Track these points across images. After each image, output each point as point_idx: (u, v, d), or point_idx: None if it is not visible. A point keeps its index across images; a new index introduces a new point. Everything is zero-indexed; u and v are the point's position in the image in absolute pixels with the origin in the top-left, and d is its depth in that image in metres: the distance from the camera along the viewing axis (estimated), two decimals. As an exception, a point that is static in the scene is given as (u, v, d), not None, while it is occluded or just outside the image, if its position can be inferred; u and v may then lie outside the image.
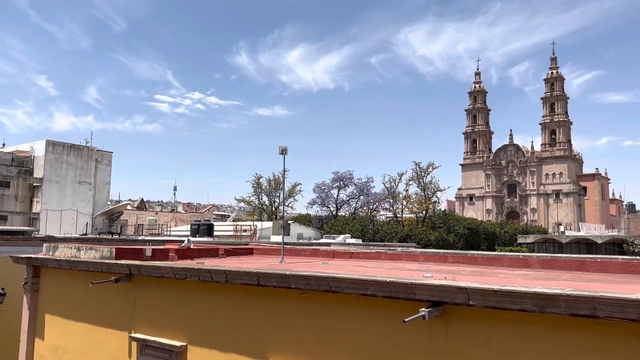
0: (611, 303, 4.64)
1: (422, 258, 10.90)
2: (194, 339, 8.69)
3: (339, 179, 68.87)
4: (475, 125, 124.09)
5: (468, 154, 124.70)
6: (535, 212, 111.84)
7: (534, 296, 5.04)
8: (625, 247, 26.61)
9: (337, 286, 6.60)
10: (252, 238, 36.98)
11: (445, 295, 5.67)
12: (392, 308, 6.26)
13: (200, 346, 8.56)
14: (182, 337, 8.86)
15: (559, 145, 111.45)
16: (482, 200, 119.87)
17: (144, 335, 9.29)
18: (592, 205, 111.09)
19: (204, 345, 8.52)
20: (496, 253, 12.59)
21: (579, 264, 8.69)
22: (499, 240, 68.26)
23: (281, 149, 10.19)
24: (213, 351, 8.35)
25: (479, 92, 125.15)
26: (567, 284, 6.70)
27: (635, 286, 6.80)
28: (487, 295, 5.34)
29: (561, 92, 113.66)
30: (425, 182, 65.57)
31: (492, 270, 9.06)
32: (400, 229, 59.35)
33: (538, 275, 8.12)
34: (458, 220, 65.23)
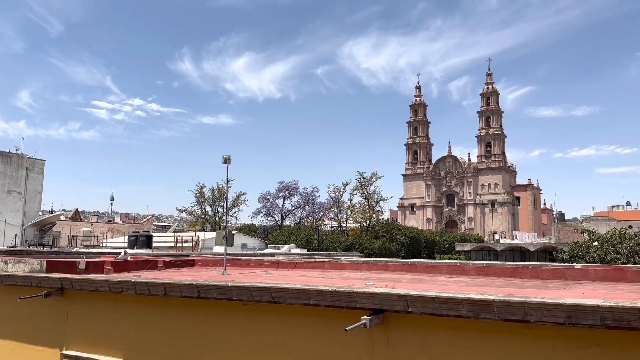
0: (540, 308, 4.89)
1: (364, 267, 11.05)
2: (131, 355, 8.33)
3: (284, 188, 68.73)
4: (416, 137, 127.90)
5: (409, 165, 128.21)
6: (472, 221, 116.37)
7: (469, 302, 5.23)
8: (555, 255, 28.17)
9: (280, 296, 6.56)
10: (194, 249, 36.09)
11: (386, 303, 5.77)
12: (335, 317, 6.29)
13: (137, 362, 8.23)
14: (117, 353, 8.47)
15: (494, 157, 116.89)
16: (422, 209, 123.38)
17: (77, 352, 8.81)
18: (525, 215, 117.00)
19: None
20: (435, 261, 13.00)
21: (512, 271, 9.11)
22: (438, 248, 70.39)
23: (224, 158, 10.05)
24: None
25: (419, 105, 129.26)
26: (500, 290, 7.01)
27: (564, 291, 7.21)
28: (425, 302, 5.49)
29: (496, 107, 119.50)
30: (369, 192, 66.67)
31: (431, 277, 9.33)
32: (345, 238, 59.90)
33: (474, 282, 8.44)
34: (400, 229, 66.71)
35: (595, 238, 22.98)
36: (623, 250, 21.10)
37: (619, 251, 21.15)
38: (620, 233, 22.68)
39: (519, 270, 9.02)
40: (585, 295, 6.45)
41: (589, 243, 22.85)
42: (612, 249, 21.43)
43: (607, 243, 22.06)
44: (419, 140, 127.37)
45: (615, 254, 21.03)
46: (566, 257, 23.74)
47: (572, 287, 7.54)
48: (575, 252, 23.00)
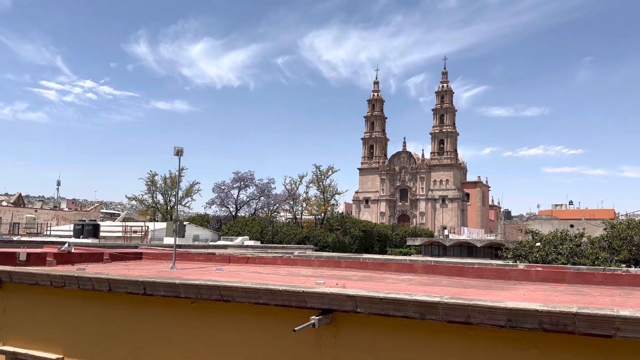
0: (483, 311, 5.06)
1: (316, 263, 11.09)
2: (72, 351, 8.03)
3: (240, 179, 68.00)
4: (373, 131, 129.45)
5: (365, 159, 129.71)
6: (423, 216, 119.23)
7: (415, 304, 5.34)
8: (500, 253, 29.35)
9: (229, 295, 6.48)
10: (143, 240, 35.18)
11: (335, 303, 5.81)
12: (285, 316, 6.28)
13: (79, 358, 7.94)
14: (58, 350, 8.14)
15: (447, 154, 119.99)
16: (377, 203, 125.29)
17: (14, 348, 8.41)
18: (473, 211, 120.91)
19: (82, 357, 7.91)
20: (385, 257, 13.24)
21: (458, 269, 9.38)
22: (390, 242, 71.77)
23: (176, 150, 9.79)
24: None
25: (377, 100, 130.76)
26: (446, 290, 7.20)
27: (506, 292, 7.49)
28: (373, 302, 5.56)
29: (450, 105, 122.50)
30: (325, 185, 67.01)
31: (381, 275, 9.48)
32: (299, 230, 60.00)
33: (422, 280, 8.64)
34: (354, 222, 67.50)
35: (538, 239, 24.14)
36: (564, 251, 22.28)
37: (559, 252, 22.31)
38: (562, 234, 23.92)
39: (464, 269, 9.30)
40: (526, 297, 6.73)
41: (532, 243, 23.97)
42: (553, 250, 22.59)
43: (549, 244, 23.23)
44: (376, 135, 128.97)
45: (556, 254, 22.17)
46: (510, 256, 24.80)
47: (515, 288, 7.85)
48: (519, 252, 24.08)
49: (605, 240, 23.62)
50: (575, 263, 20.37)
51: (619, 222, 25.68)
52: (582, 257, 21.53)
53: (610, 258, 21.44)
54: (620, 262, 21.19)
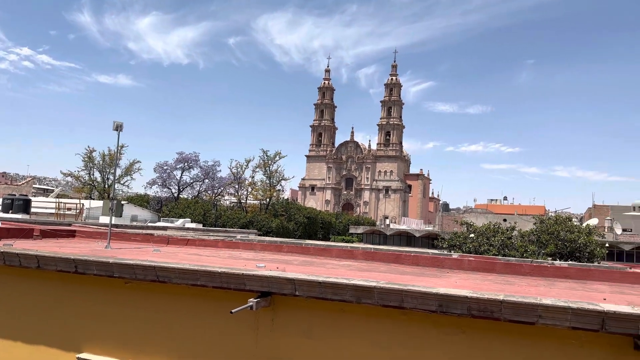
0: (416, 296, 5.23)
1: (258, 247, 11.06)
2: (-5, 331, 7.61)
3: (184, 160, 66.34)
4: (322, 119, 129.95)
5: (314, 147, 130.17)
6: (367, 205, 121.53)
7: (352, 288, 5.45)
8: (436, 242, 30.55)
9: (165, 276, 6.35)
10: (78, 218, 33.70)
11: (274, 286, 5.83)
12: (223, 298, 6.23)
13: (2, 338, 7.54)
14: (-22, 330, 7.69)
15: (392, 146, 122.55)
16: (322, 191, 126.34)
17: None
18: (415, 202, 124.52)
19: (6, 337, 7.52)
20: (327, 244, 13.41)
21: (395, 257, 9.65)
22: (334, 229, 72.70)
23: (116, 124, 9.40)
24: (17, 343, 7.43)
25: (327, 88, 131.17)
26: (383, 276, 7.39)
27: (439, 280, 7.78)
28: (312, 286, 5.63)
29: (398, 98, 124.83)
30: (272, 170, 66.68)
31: (322, 260, 9.59)
32: (244, 215, 59.52)
33: (361, 266, 8.82)
34: (299, 209, 67.76)
35: (472, 230, 25.36)
36: (495, 243, 23.54)
37: (491, 243, 23.55)
38: (494, 227, 25.23)
39: (402, 257, 9.59)
40: (457, 284, 7.02)
41: (467, 234, 25.14)
42: (486, 241, 23.82)
43: (482, 236, 24.46)
44: (325, 123, 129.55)
45: (488, 246, 23.39)
46: (445, 246, 25.86)
47: (448, 276, 8.17)
48: (454, 242, 25.19)
49: (535, 235, 25.14)
50: (506, 255, 21.56)
51: (547, 218, 27.30)
52: (512, 249, 22.84)
53: (538, 251, 22.84)
54: (547, 255, 22.60)
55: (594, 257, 22.80)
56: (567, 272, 8.64)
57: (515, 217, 56.66)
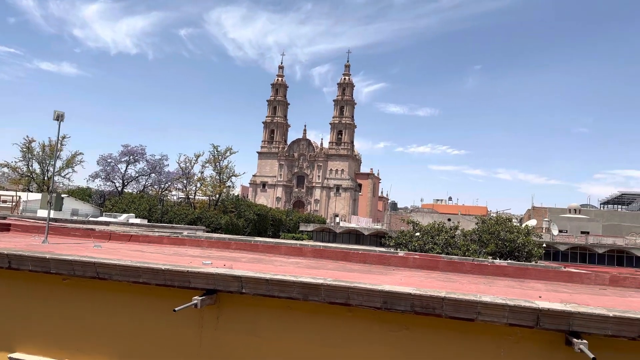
0: (362, 293, 5.30)
1: (205, 244, 10.84)
2: None
3: (129, 153, 64.11)
4: (275, 116, 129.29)
5: (265, 143, 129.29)
6: (318, 203, 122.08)
7: (300, 285, 5.45)
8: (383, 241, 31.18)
9: (106, 273, 6.11)
10: (14, 211, 31.89)
11: (220, 284, 5.73)
12: (167, 296, 6.08)
13: None
14: None
15: (344, 145, 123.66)
16: (274, 188, 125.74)
17: None
18: (364, 201, 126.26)
19: None
20: (276, 241, 13.35)
21: (344, 255, 9.74)
22: (284, 227, 72.51)
23: (56, 114, 8.94)
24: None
25: (280, 85, 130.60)
26: (331, 273, 7.44)
27: (385, 277, 7.91)
28: (259, 283, 5.58)
29: (350, 98, 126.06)
30: (222, 165, 65.59)
31: (271, 257, 9.53)
32: (192, 211, 58.26)
33: (309, 264, 8.84)
34: (249, 206, 67.07)
35: (418, 229, 26.05)
36: (439, 242, 24.29)
37: (436, 242, 24.29)
38: (439, 226, 26.03)
39: (350, 254, 9.68)
40: (402, 281, 7.17)
41: (412, 233, 25.78)
42: (430, 240, 24.52)
43: (427, 234, 25.17)
44: (277, 120, 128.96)
45: (433, 244, 24.11)
46: (392, 244, 26.43)
47: (393, 273, 8.33)
48: (400, 240, 25.79)
49: (476, 234, 26.11)
50: (449, 253, 22.29)
51: (489, 218, 28.39)
52: (455, 247, 23.63)
53: (480, 250, 23.75)
54: (487, 254, 23.54)
55: (531, 256, 23.98)
56: (506, 271, 9.01)
57: (459, 216, 58.60)
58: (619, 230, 71.27)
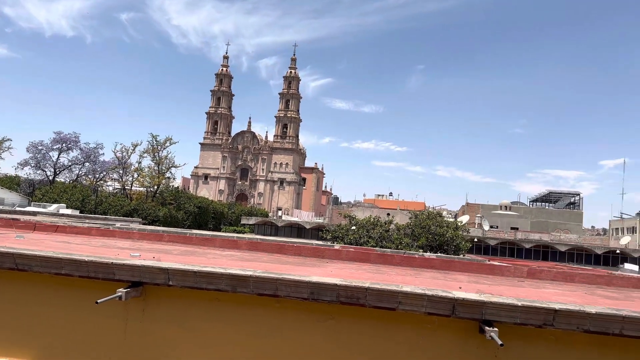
0: (290, 284, 5.39)
1: (137, 236, 10.57)
2: None
3: (62, 140, 60.96)
4: (219, 107, 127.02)
5: (209, 134, 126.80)
6: (261, 196, 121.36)
7: (228, 277, 5.47)
8: (321, 234, 31.60)
9: (25, 264, 5.86)
10: None
11: (146, 276, 5.65)
12: (91, 288, 5.91)
13: None
14: None
15: (289, 139, 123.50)
16: (216, 180, 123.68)
17: None
18: (308, 195, 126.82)
19: None
20: (212, 233, 13.21)
21: (279, 247, 9.81)
22: (226, 220, 71.60)
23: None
24: None
25: (225, 75, 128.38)
26: (264, 265, 7.49)
27: (317, 269, 8.06)
28: (186, 275, 5.54)
29: (296, 91, 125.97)
30: (161, 156, 63.70)
31: (204, 250, 9.45)
32: (128, 202, 56.26)
33: (244, 256, 8.84)
34: (189, 198, 65.66)
35: (354, 223, 26.63)
36: (374, 235, 24.96)
37: (371, 235, 24.94)
38: (374, 220, 26.74)
39: (285, 247, 9.77)
40: (333, 273, 7.34)
41: (349, 227, 26.33)
42: (366, 234, 25.16)
43: (362, 228, 25.79)
44: (221, 111, 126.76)
45: (368, 237, 24.73)
46: (330, 237, 26.85)
47: (326, 265, 8.50)
48: (337, 234, 26.27)
49: (410, 228, 27.05)
50: (384, 246, 22.97)
51: (421, 213, 29.43)
52: (389, 241, 24.37)
53: (412, 243, 24.61)
54: (419, 247, 24.44)
55: (459, 250, 25.17)
56: (433, 263, 9.42)
57: (398, 211, 60.24)
58: (546, 226, 75.91)
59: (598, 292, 8.26)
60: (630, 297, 7.99)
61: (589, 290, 8.34)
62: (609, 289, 8.98)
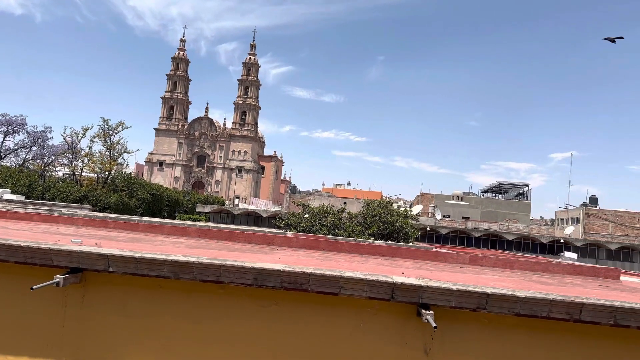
0: (233, 270, 5.41)
1: (81, 222, 10.27)
2: None
3: (7, 122, 57.91)
4: (175, 92, 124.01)
5: (164, 120, 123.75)
6: (219, 184, 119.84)
7: (170, 263, 5.43)
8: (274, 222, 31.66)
9: (-45, 250, 5.60)
10: None
11: (86, 262, 5.53)
12: (27, 275, 5.74)
13: None
14: None
15: (248, 126, 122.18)
16: (172, 167, 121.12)
17: None
18: (267, 183, 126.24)
19: None
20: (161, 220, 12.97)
21: (229, 234, 9.77)
22: (180, 208, 70.34)
23: None
24: None
25: (182, 59, 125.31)
26: (212, 252, 7.45)
27: (265, 255, 8.10)
28: (127, 262, 5.46)
29: (255, 78, 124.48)
30: (113, 141, 61.60)
31: (151, 237, 9.29)
32: (77, 188, 54.26)
33: (191, 243, 8.76)
34: (143, 185, 64.01)
35: (307, 211, 26.81)
36: (327, 223, 25.22)
37: (323, 223, 25.18)
38: (327, 208, 27.00)
39: (235, 234, 9.74)
40: (280, 260, 7.39)
41: (302, 215, 26.48)
42: (318, 222, 25.37)
43: (315, 216, 25.99)
44: (177, 96, 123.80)
45: (320, 225, 24.96)
46: (282, 225, 26.93)
47: (275, 252, 8.54)
48: (290, 222, 26.38)
49: (362, 216, 27.49)
50: (336, 234, 23.27)
51: (372, 202, 29.90)
52: (341, 229, 24.71)
53: (363, 231, 25.02)
54: (370, 235, 24.88)
55: (408, 238, 25.83)
56: (380, 250, 9.64)
57: (355, 200, 60.92)
58: (495, 216, 78.72)
59: (534, 279, 8.69)
60: (563, 283, 8.44)
61: (526, 276, 8.76)
62: (545, 275, 9.46)
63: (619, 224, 71.56)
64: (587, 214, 71.85)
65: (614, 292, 7.72)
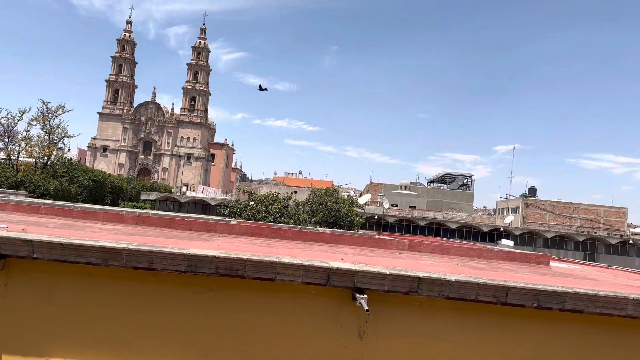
0: (166, 257, 5.28)
1: (10, 208, 9.71)
2: None
3: None
4: (120, 75, 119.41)
5: (108, 104, 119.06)
6: (166, 172, 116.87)
7: (99, 250, 5.23)
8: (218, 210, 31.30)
9: None
10: None
11: (8, 248, 5.24)
12: (-56, 263, 5.37)
13: None
14: None
15: (197, 113, 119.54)
16: (116, 153, 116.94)
17: None
18: (217, 171, 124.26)
19: None
20: (96, 207, 12.51)
21: (168, 222, 9.54)
22: (124, 195, 68.12)
23: None
24: None
25: (128, 41, 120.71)
26: (148, 239, 7.26)
27: (204, 242, 7.97)
28: (53, 248, 5.23)
29: (205, 63, 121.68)
30: (52, 125, 58.65)
31: (85, 224, 8.93)
32: (14, 174, 51.45)
33: (128, 230, 8.49)
34: (84, 171, 61.46)
35: (253, 199, 26.64)
36: (273, 211, 25.14)
37: (269, 211, 25.09)
38: (273, 196, 26.92)
39: (175, 221, 9.52)
40: (219, 246, 7.30)
41: (247, 202, 26.29)
42: (264, 209, 25.27)
43: (261, 204, 25.88)
44: (123, 79, 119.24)
45: (266, 213, 24.87)
46: (227, 212, 26.64)
47: (215, 239, 8.43)
48: (235, 209, 26.13)
49: (308, 204, 27.59)
50: (282, 222, 23.25)
51: (319, 190, 30.09)
52: (287, 217, 24.70)
53: (309, 219, 25.14)
54: (316, 222, 25.04)
55: (353, 225, 26.20)
56: (324, 237, 9.71)
57: (305, 189, 61.09)
58: (440, 205, 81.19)
59: (469, 264, 9.02)
60: (496, 268, 8.80)
61: (462, 262, 9.08)
62: (480, 260, 9.84)
63: (555, 214, 75.60)
64: (526, 204, 75.42)
65: (541, 276, 8.14)
